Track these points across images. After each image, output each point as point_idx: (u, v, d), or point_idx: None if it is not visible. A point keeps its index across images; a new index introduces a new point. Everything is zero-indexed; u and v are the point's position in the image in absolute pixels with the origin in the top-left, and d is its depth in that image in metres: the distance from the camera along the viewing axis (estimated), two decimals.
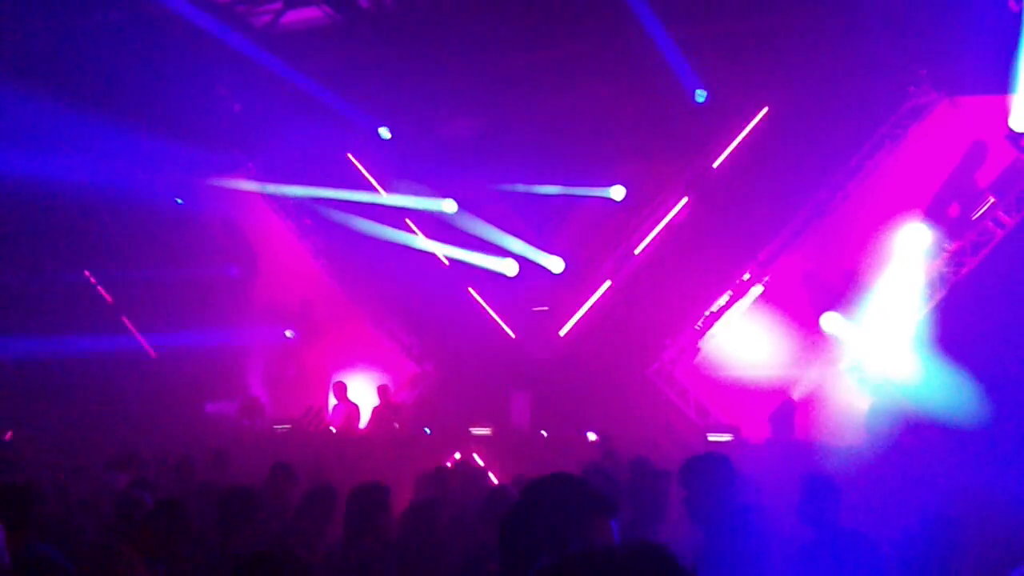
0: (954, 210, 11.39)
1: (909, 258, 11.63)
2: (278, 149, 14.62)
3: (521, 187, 13.81)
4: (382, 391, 13.44)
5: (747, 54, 12.00)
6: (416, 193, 14.45)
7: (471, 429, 12.07)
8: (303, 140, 14.32)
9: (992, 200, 11.07)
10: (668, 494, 5.34)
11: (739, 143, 12.97)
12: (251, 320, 15.04)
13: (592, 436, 11.19)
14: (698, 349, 12.92)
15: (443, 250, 14.26)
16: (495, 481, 8.94)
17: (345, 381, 13.85)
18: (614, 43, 12.08)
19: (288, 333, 15.01)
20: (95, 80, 11.86)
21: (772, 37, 11.69)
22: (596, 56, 12.39)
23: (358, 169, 14.93)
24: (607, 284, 13.59)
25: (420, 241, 14.37)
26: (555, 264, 13.78)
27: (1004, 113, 10.78)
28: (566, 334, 13.66)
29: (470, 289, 14.28)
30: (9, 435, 12.01)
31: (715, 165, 13.08)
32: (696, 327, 12.88)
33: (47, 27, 11.99)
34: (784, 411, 10.89)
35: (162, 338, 14.54)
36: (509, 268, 13.87)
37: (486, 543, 5.02)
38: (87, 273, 15.28)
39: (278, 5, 12.76)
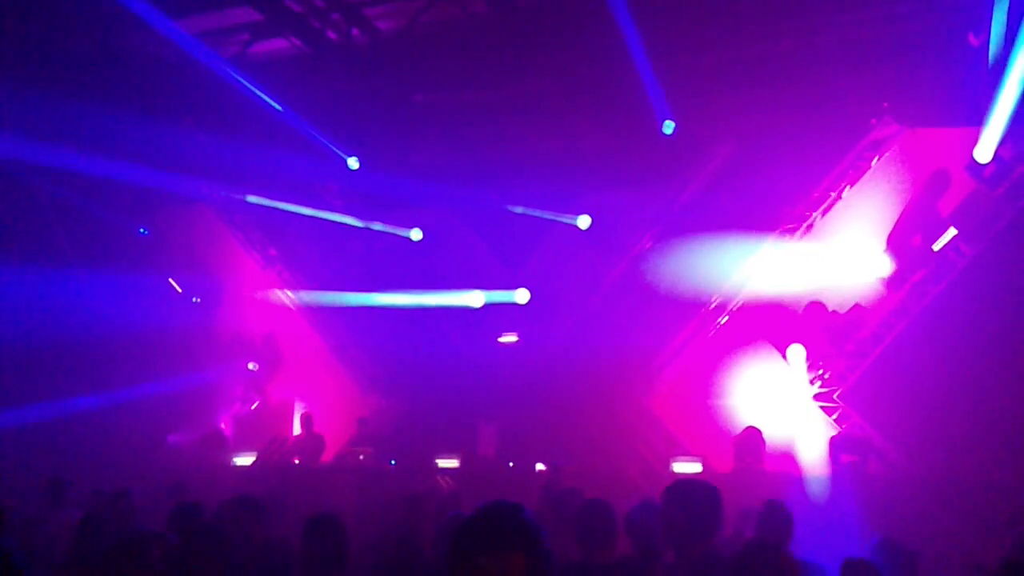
0: (916, 240, 11.51)
1: (871, 289, 11.75)
2: (244, 178, 14.54)
3: (489, 216, 13.82)
4: (361, 423, 13.37)
5: (712, 87, 12.12)
6: (384, 221, 14.44)
7: (437, 461, 11.98)
8: (270, 169, 14.25)
9: (954, 230, 11.19)
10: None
11: (705, 175, 13.05)
12: (214, 351, 14.88)
13: (540, 466, 11.15)
14: (666, 378, 12.92)
15: (407, 297, 14.13)
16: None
17: (310, 412, 13.75)
18: (583, 76, 12.16)
19: (251, 365, 14.85)
20: (58, 108, 11.77)
21: (737, 71, 11.81)
22: (564, 88, 12.47)
23: (326, 199, 14.85)
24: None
25: (383, 298, 14.27)
26: (521, 295, 13.76)
27: (964, 144, 10.94)
28: (534, 364, 13.61)
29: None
30: None
31: (681, 196, 13.14)
32: (664, 357, 12.90)
33: (10, 57, 11.88)
34: (749, 440, 10.88)
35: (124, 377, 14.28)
36: (475, 300, 13.83)
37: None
38: None
39: (245, 36, 12.76)
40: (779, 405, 11.88)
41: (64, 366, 13.53)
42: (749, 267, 12.57)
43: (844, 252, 11.92)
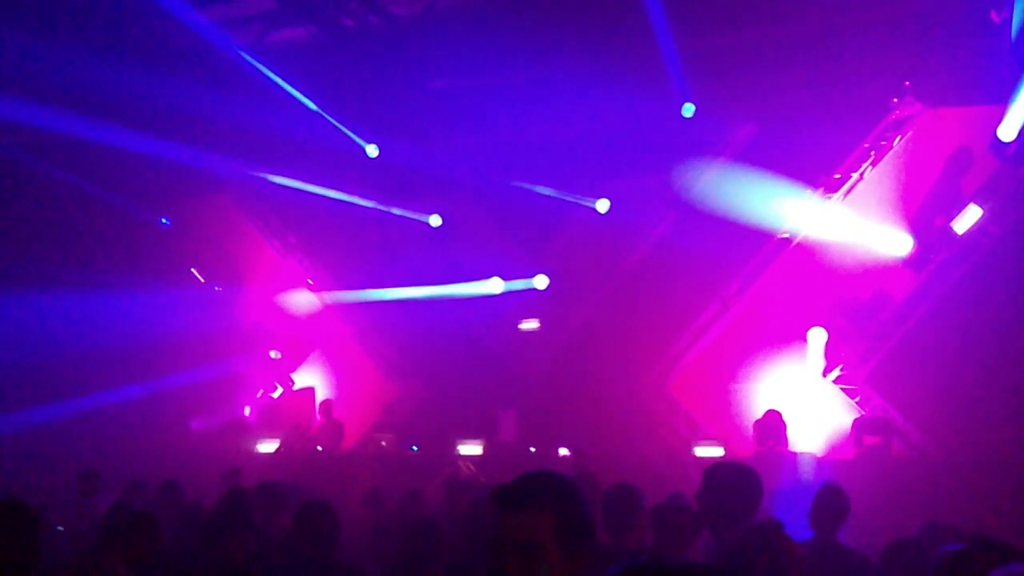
0: (939, 221, 11.41)
1: (894, 270, 11.68)
2: (263, 166, 14.57)
3: (507, 201, 13.78)
4: (387, 410, 13.44)
5: (731, 69, 12.03)
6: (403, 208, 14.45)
7: (459, 447, 12.00)
8: (289, 157, 14.28)
9: (978, 210, 11.09)
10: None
11: (726, 156, 12.96)
12: (236, 340, 14.96)
13: (564, 451, 11.15)
14: (687, 362, 12.89)
15: (426, 290, 14.13)
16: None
17: (330, 400, 13.82)
18: (601, 58, 12.09)
19: (273, 353, 14.91)
20: (77, 93, 11.88)
21: (757, 52, 11.72)
22: (582, 71, 12.40)
23: (345, 186, 14.84)
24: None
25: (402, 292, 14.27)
26: (540, 281, 13.75)
27: (987, 123, 10.82)
28: (554, 350, 13.61)
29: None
30: None
31: (701, 179, 13.05)
32: (684, 340, 12.87)
33: (41, 39, 11.94)
34: (770, 423, 10.86)
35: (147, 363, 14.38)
36: (494, 287, 13.83)
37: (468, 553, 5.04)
38: None
39: (262, 24, 12.77)
40: (800, 388, 11.83)
41: (88, 362, 13.67)
42: (770, 248, 12.51)
43: (866, 233, 11.84)
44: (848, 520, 5.64)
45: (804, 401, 11.68)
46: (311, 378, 14.93)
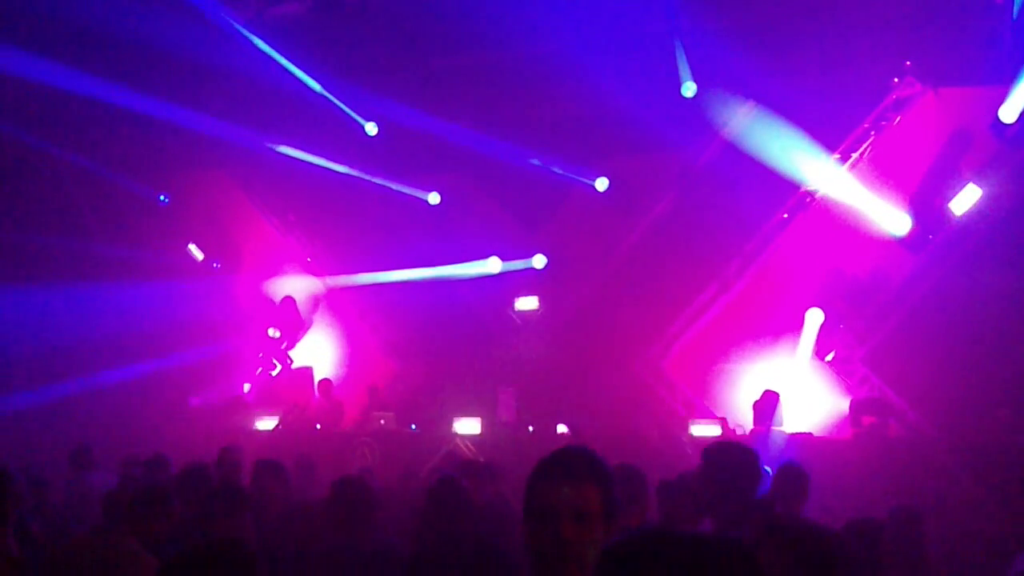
0: (939, 202, 11.39)
1: (893, 250, 11.66)
2: (262, 143, 14.52)
3: (506, 179, 13.74)
4: (372, 392, 13.45)
5: (731, 48, 11.96)
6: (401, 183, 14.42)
7: (457, 426, 12.02)
8: (289, 133, 14.24)
9: (976, 191, 11.07)
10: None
11: (725, 136, 12.91)
12: (234, 318, 14.97)
13: (562, 428, 11.16)
14: (684, 341, 12.90)
15: (425, 272, 14.12)
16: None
17: (329, 379, 13.83)
18: (603, 36, 12.03)
19: (272, 331, 14.91)
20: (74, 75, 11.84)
21: (758, 31, 11.65)
22: (583, 49, 12.34)
23: (344, 164, 14.80)
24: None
25: (399, 274, 14.26)
26: (538, 260, 13.74)
27: (989, 104, 10.78)
28: (553, 329, 13.62)
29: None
30: None
31: (701, 158, 13.02)
32: (682, 320, 12.88)
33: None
34: (767, 403, 10.89)
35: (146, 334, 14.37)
36: (492, 267, 13.82)
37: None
38: None
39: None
40: (798, 369, 11.85)
41: (86, 340, 13.66)
42: (769, 229, 12.49)
43: (866, 213, 11.82)
44: (836, 498, 5.68)
45: (802, 381, 11.70)
46: (309, 356, 14.94)
